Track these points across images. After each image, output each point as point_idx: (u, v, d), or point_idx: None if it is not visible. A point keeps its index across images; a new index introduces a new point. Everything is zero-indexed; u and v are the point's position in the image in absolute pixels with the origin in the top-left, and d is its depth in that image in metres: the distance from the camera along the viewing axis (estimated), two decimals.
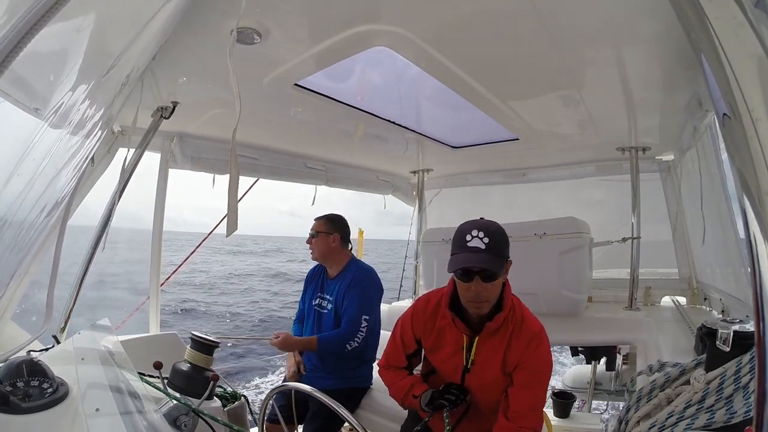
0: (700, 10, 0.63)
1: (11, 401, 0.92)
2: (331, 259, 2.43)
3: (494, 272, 1.37)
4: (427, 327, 1.60)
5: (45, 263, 1.63)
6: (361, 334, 2.23)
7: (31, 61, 0.71)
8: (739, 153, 0.59)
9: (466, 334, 1.51)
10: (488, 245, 1.36)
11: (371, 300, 2.35)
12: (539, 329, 1.50)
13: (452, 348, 1.54)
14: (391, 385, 1.68)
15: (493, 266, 1.36)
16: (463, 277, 1.39)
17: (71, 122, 1.15)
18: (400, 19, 1.45)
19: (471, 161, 3.55)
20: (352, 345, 2.23)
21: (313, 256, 2.45)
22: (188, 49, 1.62)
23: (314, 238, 2.42)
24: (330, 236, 2.41)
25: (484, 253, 1.35)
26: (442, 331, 1.57)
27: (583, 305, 2.90)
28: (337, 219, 2.48)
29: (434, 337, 1.59)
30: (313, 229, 2.44)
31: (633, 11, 1.37)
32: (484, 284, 1.37)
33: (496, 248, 1.37)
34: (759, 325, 0.57)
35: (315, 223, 2.47)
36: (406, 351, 1.67)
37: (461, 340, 1.52)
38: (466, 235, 1.39)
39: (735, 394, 1.05)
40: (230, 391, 1.68)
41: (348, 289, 2.31)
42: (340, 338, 2.24)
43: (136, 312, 3.49)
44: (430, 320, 1.59)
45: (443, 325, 1.56)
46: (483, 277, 1.37)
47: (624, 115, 2.37)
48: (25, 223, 1.16)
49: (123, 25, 1.12)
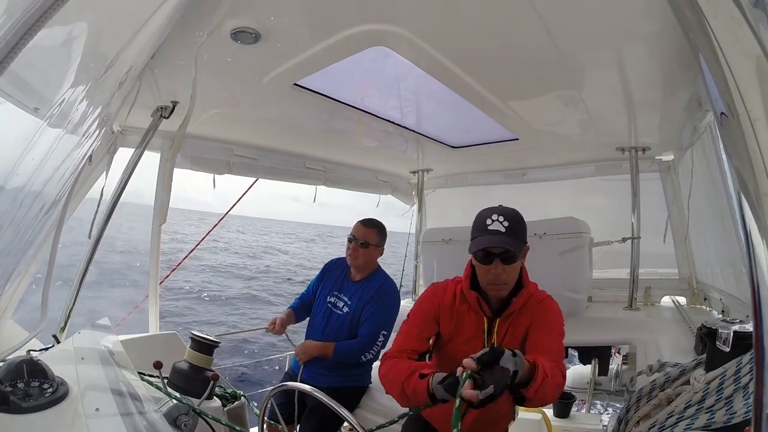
0: (698, 10, 0.63)
1: (11, 401, 0.92)
2: (368, 267, 2.38)
3: (514, 254, 1.40)
4: (446, 311, 1.57)
5: (44, 262, 1.63)
6: (377, 347, 2.23)
7: (30, 60, 0.71)
8: (737, 152, 0.59)
9: (488, 317, 1.51)
10: (508, 228, 1.39)
11: (392, 317, 2.32)
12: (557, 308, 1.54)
13: (471, 333, 1.53)
14: (389, 370, 1.43)
15: (513, 247, 1.39)
16: (484, 259, 1.42)
17: (70, 121, 1.15)
18: (400, 19, 1.45)
19: (471, 161, 3.55)
20: (367, 357, 2.22)
21: (355, 263, 2.34)
22: (188, 49, 1.62)
23: (363, 248, 2.32)
24: (378, 249, 2.36)
25: (504, 235, 1.39)
26: (461, 317, 1.56)
27: (583, 305, 2.90)
28: (384, 229, 2.40)
29: (454, 324, 1.56)
30: (360, 237, 2.33)
31: (633, 11, 1.37)
32: (503, 266, 1.40)
33: (515, 231, 1.41)
34: (757, 325, 0.57)
35: (363, 230, 2.35)
36: (428, 334, 1.58)
37: (481, 324, 1.52)
38: (487, 219, 1.42)
39: (735, 394, 1.05)
40: (230, 391, 1.69)
41: (371, 300, 2.27)
42: (356, 350, 2.22)
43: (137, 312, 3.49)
44: (450, 305, 1.57)
45: (462, 312, 1.56)
46: (503, 259, 1.40)
47: (624, 115, 2.36)
48: (24, 222, 1.16)
49: (121, 24, 1.12)
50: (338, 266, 2.48)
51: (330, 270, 2.51)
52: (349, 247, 2.35)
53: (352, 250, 2.33)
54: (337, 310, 2.36)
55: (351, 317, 2.29)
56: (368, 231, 2.34)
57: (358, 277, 2.38)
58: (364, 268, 2.37)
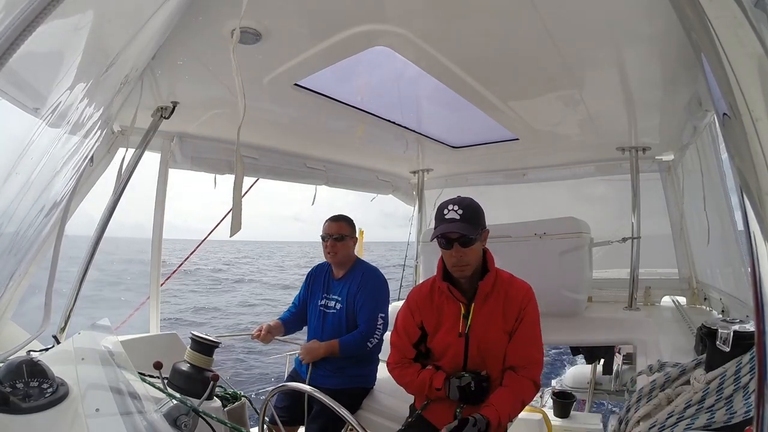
0: (700, 10, 0.63)
1: (11, 401, 0.92)
2: (348, 261, 2.41)
3: (470, 237, 1.57)
4: (426, 309, 1.72)
5: (44, 263, 1.63)
6: (379, 331, 2.26)
7: (29, 59, 0.71)
8: (739, 153, 0.59)
9: (462, 302, 1.66)
10: (462, 215, 1.57)
11: (384, 298, 2.38)
12: (528, 286, 1.70)
13: (452, 320, 1.68)
14: (408, 383, 1.73)
15: (467, 231, 1.56)
16: (446, 245, 1.61)
17: (70, 121, 1.14)
18: (400, 19, 1.45)
19: (471, 161, 3.55)
20: (373, 342, 2.25)
21: (335, 258, 2.37)
22: (188, 49, 1.62)
23: (340, 242, 2.34)
24: (352, 239, 2.39)
25: (459, 222, 1.57)
26: (441, 308, 1.71)
27: (583, 305, 2.90)
28: (352, 221, 2.45)
29: (436, 316, 1.71)
30: (334, 232, 2.35)
31: (633, 11, 1.37)
32: (463, 249, 1.58)
33: (469, 218, 1.58)
34: (759, 325, 0.57)
35: (335, 224, 2.38)
36: (411, 340, 1.74)
37: (458, 310, 1.67)
38: (444, 209, 1.60)
39: (735, 394, 1.05)
40: (230, 392, 1.68)
41: (359, 289, 2.31)
42: (360, 338, 2.25)
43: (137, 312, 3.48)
44: (428, 302, 1.73)
45: (441, 302, 1.71)
46: (461, 243, 1.57)
47: (624, 115, 2.37)
48: (24, 223, 1.16)
49: (121, 24, 1.12)
50: (321, 271, 2.51)
51: (314, 276, 2.54)
52: (326, 246, 2.37)
53: (330, 247, 2.35)
54: (330, 310, 2.37)
55: (345, 313, 2.32)
56: (339, 224, 2.39)
57: (340, 274, 2.41)
58: (345, 262, 2.40)
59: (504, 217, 3.10)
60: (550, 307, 2.68)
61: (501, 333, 1.63)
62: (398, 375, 1.75)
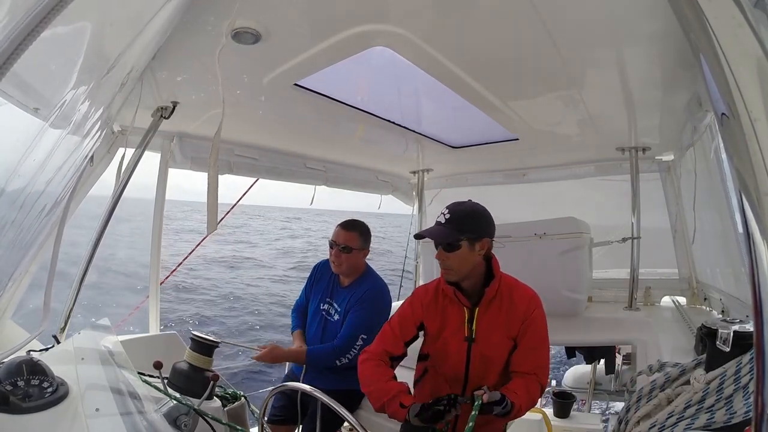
0: (699, 11, 0.63)
1: (11, 401, 0.92)
2: (354, 273, 2.25)
3: (452, 243, 1.54)
4: (430, 309, 1.69)
5: (44, 263, 1.63)
6: (353, 351, 2.09)
7: (32, 62, 0.71)
8: (737, 153, 0.59)
9: (466, 306, 1.63)
10: (448, 220, 1.55)
11: (376, 321, 2.09)
12: (533, 293, 1.66)
13: (456, 324, 1.65)
14: (371, 382, 1.58)
15: (449, 237, 1.54)
16: (435, 248, 1.60)
17: (71, 122, 1.15)
18: (400, 19, 1.45)
19: (471, 161, 3.55)
20: (342, 362, 2.10)
21: (339, 269, 2.19)
22: (188, 50, 1.62)
23: (346, 253, 2.15)
24: (362, 252, 2.22)
25: (443, 226, 1.56)
26: (445, 311, 1.68)
27: (583, 305, 2.90)
28: (368, 230, 2.26)
29: (439, 319, 1.68)
30: (342, 241, 2.15)
31: (633, 11, 1.37)
32: (445, 253, 1.56)
33: (455, 223, 1.55)
34: (758, 325, 0.57)
35: (345, 234, 2.17)
36: (405, 338, 1.69)
37: (463, 314, 1.64)
38: (439, 214, 1.60)
39: (735, 394, 1.05)
40: (230, 391, 1.68)
41: (356, 304, 2.15)
42: (330, 353, 2.11)
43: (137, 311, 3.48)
44: (433, 303, 1.69)
45: (445, 305, 1.68)
46: (444, 248, 1.56)
47: (624, 115, 2.36)
48: (25, 222, 1.16)
49: (123, 26, 1.12)
50: (326, 271, 2.34)
51: (318, 275, 2.39)
52: (331, 253, 2.20)
53: (334, 256, 2.18)
54: (330, 318, 2.27)
55: (342, 324, 2.19)
56: (350, 234, 2.18)
57: (346, 282, 2.27)
58: (351, 273, 2.24)
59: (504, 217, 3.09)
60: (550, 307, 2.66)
61: (504, 338, 1.61)
62: (366, 367, 1.62)
